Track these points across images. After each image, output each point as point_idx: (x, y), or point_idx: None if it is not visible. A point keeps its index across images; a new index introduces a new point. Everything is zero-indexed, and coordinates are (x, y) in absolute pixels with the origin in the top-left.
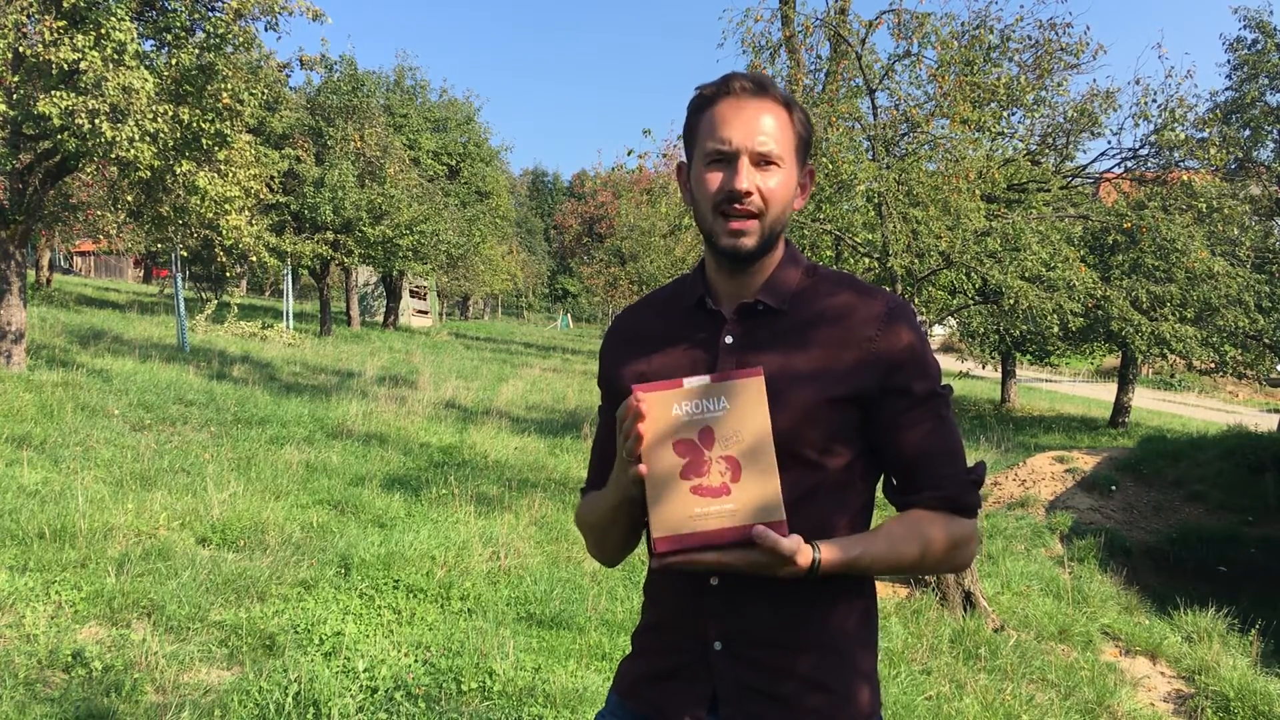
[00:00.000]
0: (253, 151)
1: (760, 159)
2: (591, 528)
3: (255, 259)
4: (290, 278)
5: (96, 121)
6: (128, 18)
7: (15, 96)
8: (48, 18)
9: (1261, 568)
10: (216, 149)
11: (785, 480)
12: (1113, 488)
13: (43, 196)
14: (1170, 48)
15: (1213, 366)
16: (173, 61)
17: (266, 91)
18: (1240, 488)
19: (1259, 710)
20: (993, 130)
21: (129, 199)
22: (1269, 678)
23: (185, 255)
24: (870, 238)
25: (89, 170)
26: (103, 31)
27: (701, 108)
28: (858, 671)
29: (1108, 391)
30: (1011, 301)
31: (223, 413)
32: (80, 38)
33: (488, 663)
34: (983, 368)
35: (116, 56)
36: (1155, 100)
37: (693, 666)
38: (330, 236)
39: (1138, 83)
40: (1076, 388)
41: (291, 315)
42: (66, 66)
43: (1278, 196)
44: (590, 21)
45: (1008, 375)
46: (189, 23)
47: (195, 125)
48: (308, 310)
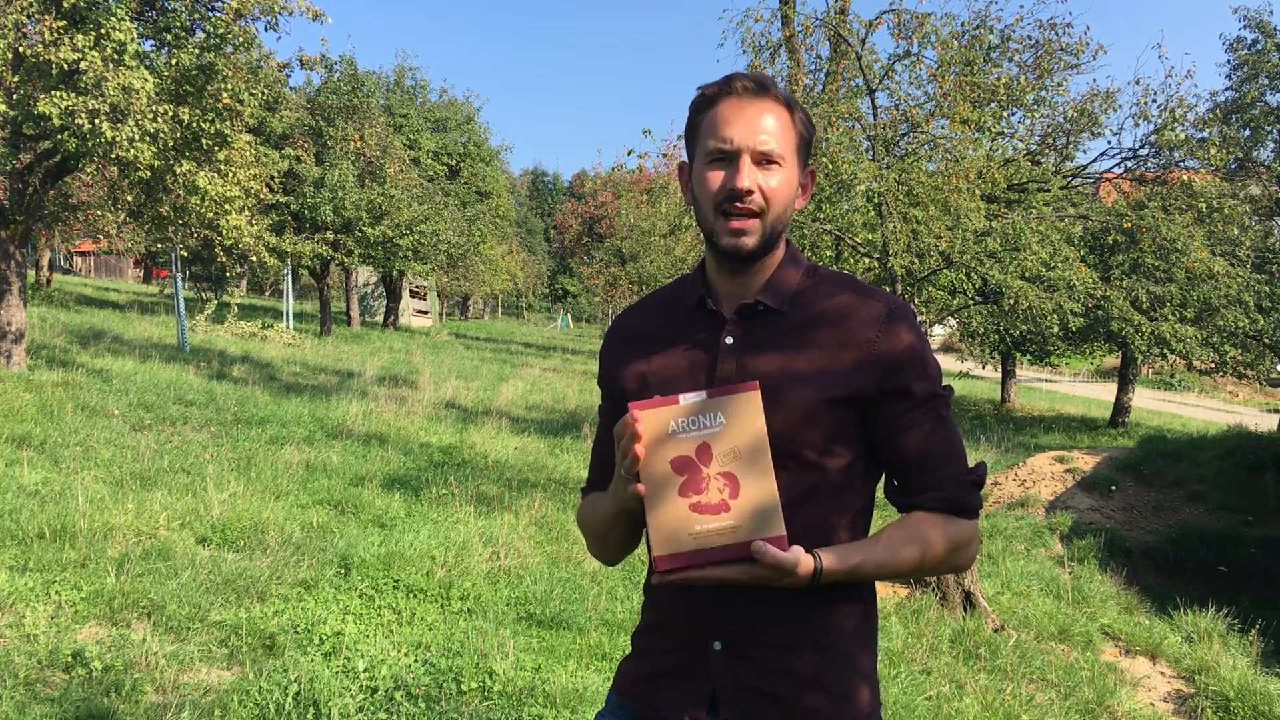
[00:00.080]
0: (253, 151)
1: (762, 158)
2: (592, 529)
3: (255, 259)
4: (290, 278)
5: (96, 121)
6: (128, 18)
7: (15, 96)
8: (48, 18)
9: (1261, 568)
10: (216, 149)
11: (785, 481)
12: (1113, 488)
13: (43, 196)
14: (1170, 48)
15: (1213, 366)
16: (173, 61)
17: (266, 91)
18: (1240, 488)
19: (1259, 710)
20: (993, 130)
21: (129, 199)
22: (1269, 678)
23: (185, 255)
24: (870, 238)
25: (89, 170)
26: (103, 31)
27: (703, 107)
28: (857, 671)
29: (1108, 391)
30: (1011, 301)
31: (223, 413)
32: (80, 38)
33: (488, 663)
34: (983, 368)
35: (116, 56)
36: (1155, 100)
37: (692, 666)
38: (330, 236)
39: (1138, 83)
40: (1076, 388)
41: (291, 315)
42: (66, 66)
43: (1278, 196)
44: (590, 21)
45: (1008, 375)
46: (189, 23)
47: (195, 125)
48: (308, 310)
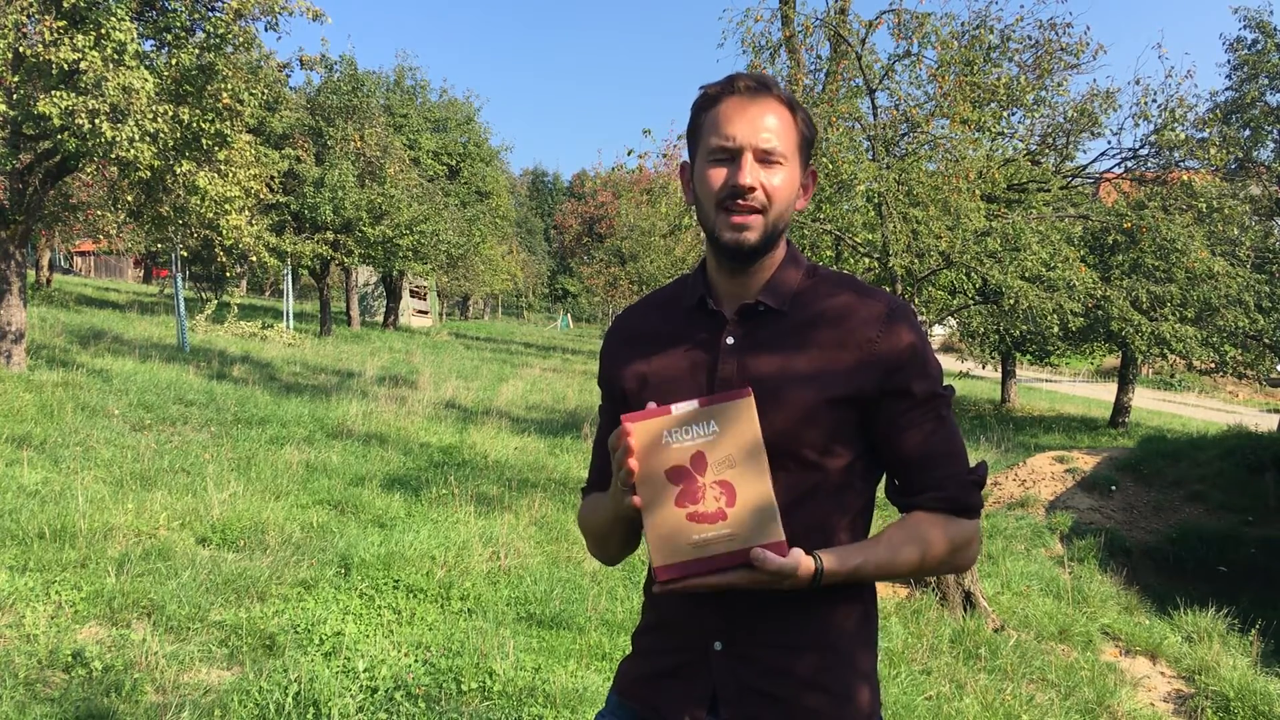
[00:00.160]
0: (253, 151)
1: (764, 156)
2: (592, 531)
3: (255, 259)
4: (290, 278)
5: (96, 121)
6: (128, 18)
7: (15, 96)
8: (48, 18)
9: (1261, 568)
10: (216, 149)
11: (785, 481)
12: (1113, 488)
13: (43, 196)
14: (1170, 48)
15: (1213, 366)
16: (173, 61)
17: (266, 91)
18: (1240, 488)
19: (1259, 710)
20: (993, 130)
21: (129, 199)
22: (1269, 678)
23: (185, 255)
24: (870, 238)
25: (89, 170)
26: (103, 31)
27: (706, 106)
28: (857, 671)
29: (1108, 391)
30: (1011, 301)
31: (223, 413)
32: (80, 38)
33: (488, 663)
34: (983, 368)
35: (116, 56)
36: (1155, 100)
37: (693, 666)
38: (330, 236)
39: (1138, 83)
40: (1076, 388)
41: (291, 315)
42: (66, 66)
43: (1278, 196)
44: (590, 21)
45: (1008, 375)
46: (189, 23)
47: (195, 125)
48: (308, 310)
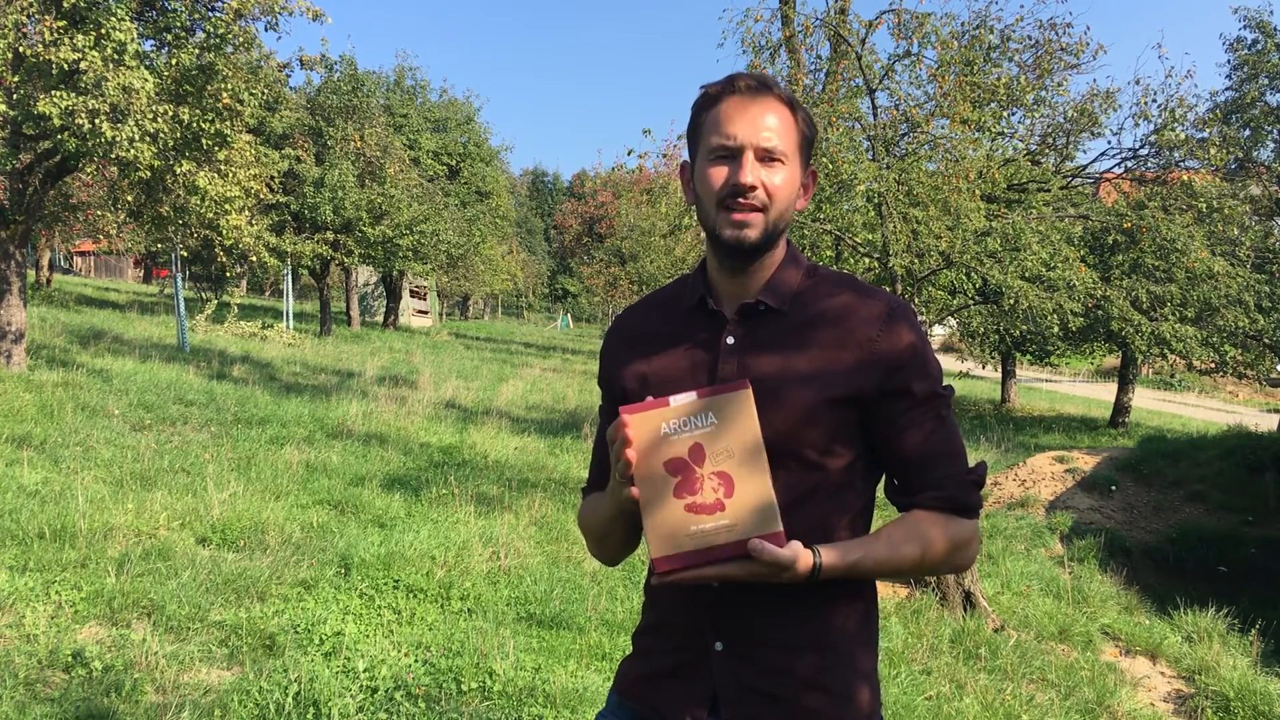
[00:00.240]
0: (253, 151)
1: (764, 155)
2: (592, 530)
3: (255, 259)
4: (290, 278)
5: (96, 121)
6: (128, 18)
7: (15, 96)
8: (48, 18)
9: (1261, 568)
10: (216, 149)
11: (785, 481)
12: (1113, 488)
13: (43, 196)
14: (1170, 48)
15: (1213, 366)
16: (173, 61)
17: (266, 91)
18: (1240, 488)
19: (1259, 710)
20: (993, 130)
21: (129, 199)
22: (1269, 678)
23: (185, 255)
24: (870, 238)
25: (89, 170)
26: (103, 31)
27: (706, 106)
28: (858, 671)
29: (1108, 391)
30: (1011, 301)
31: (223, 413)
32: (80, 38)
33: (488, 663)
34: (983, 368)
35: (116, 56)
36: (1155, 100)
37: (693, 666)
38: (330, 236)
39: (1138, 83)
40: (1076, 388)
41: (291, 315)
42: (66, 66)
43: (1278, 196)
44: (590, 21)
45: (1008, 375)
46: (189, 23)
47: (195, 125)
48: (308, 310)
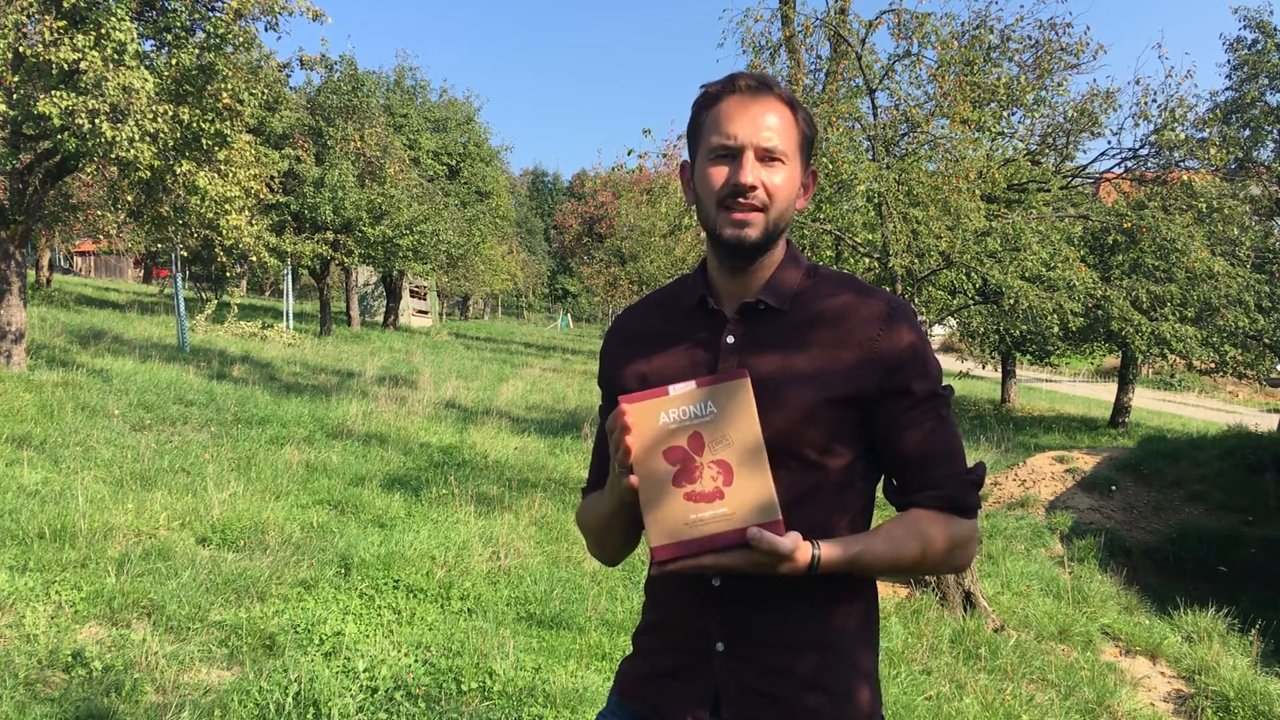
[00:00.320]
0: (253, 151)
1: (765, 154)
2: (591, 529)
3: (255, 259)
4: (290, 278)
5: (96, 121)
6: (128, 18)
7: (15, 96)
8: (48, 18)
9: (1261, 568)
10: (216, 149)
11: (785, 480)
12: (1113, 488)
13: (43, 196)
14: (1170, 48)
15: (1213, 366)
16: (173, 61)
17: (266, 91)
18: (1240, 488)
19: (1259, 710)
20: (993, 130)
21: (129, 199)
22: (1269, 678)
23: (185, 255)
24: (870, 238)
25: (89, 170)
26: (103, 31)
27: (706, 105)
28: (858, 671)
29: (1108, 391)
30: (1011, 301)
31: (223, 413)
32: (80, 38)
33: (488, 663)
34: (983, 368)
35: (116, 56)
36: (1155, 100)
37: (694, 667)
38: (330, 236)
39: (1138, 83)
40: (1076, 388)
41: (291, 315)
42: (66, 66)
43: (1278, 196)
44: (590, 21)
45: (1008, 375)
46: (189, 23)
47: (195, 125)
48: (308, 310)
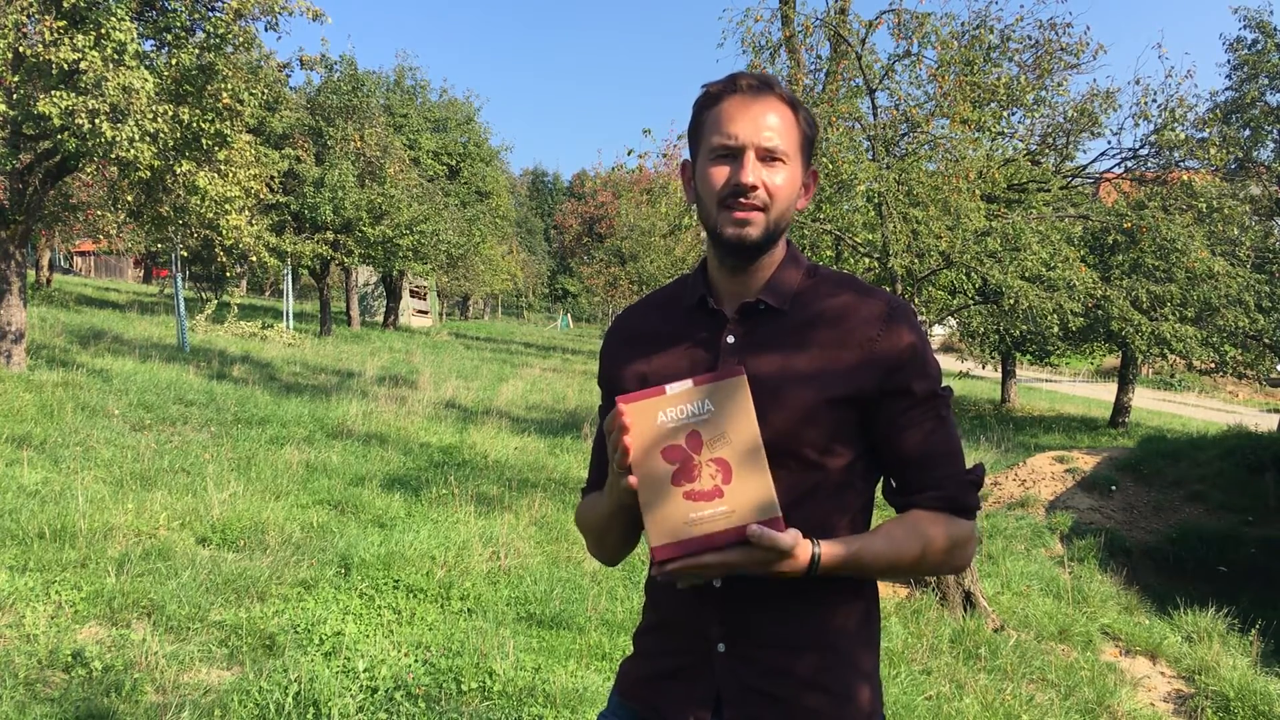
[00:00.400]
0: (253, 151)
1: (766, 154)
2: (591, 529)
3: (255, 259)
4: (290, 278)
5: (96, 121)
6: (128, 18)
7: (15, 96)
8: (48, 18)
9: (1261, 568)
10: (216, 149)
11: (785, 480)
12: (1113, 488)
13: (43, 196)
14: (1170, 48)
15: (1213, 366)
16: (173, 61)
17: (266, 91)
18: (1240, 488)
19: (1259, 710)
20: (993, 130)
21: (129, 199)
22: (1269, 678)
23: (185, 255)
24: (870, 238)
25: (89, 170)
26: (103, 31)
27: (708, 105)
28: (858, 671)
29: (1108, 391)
30: (1011, 301)
31: (223, 413)
32: (80, 38)
33: (488, 663)
34: (983, 368)
35: (116, 56)
36: (1155, 100)
37: (696, 668)
38: (330, 236)
39: (1138, 83)
40: (1076, 388)
41: (291, 315)
42: (66, 66)
43: (1278, 196)
44: (590, 21)
45: (1008, 375)
46: (189, 23)
47: (195, 125)
48: (308, 310)
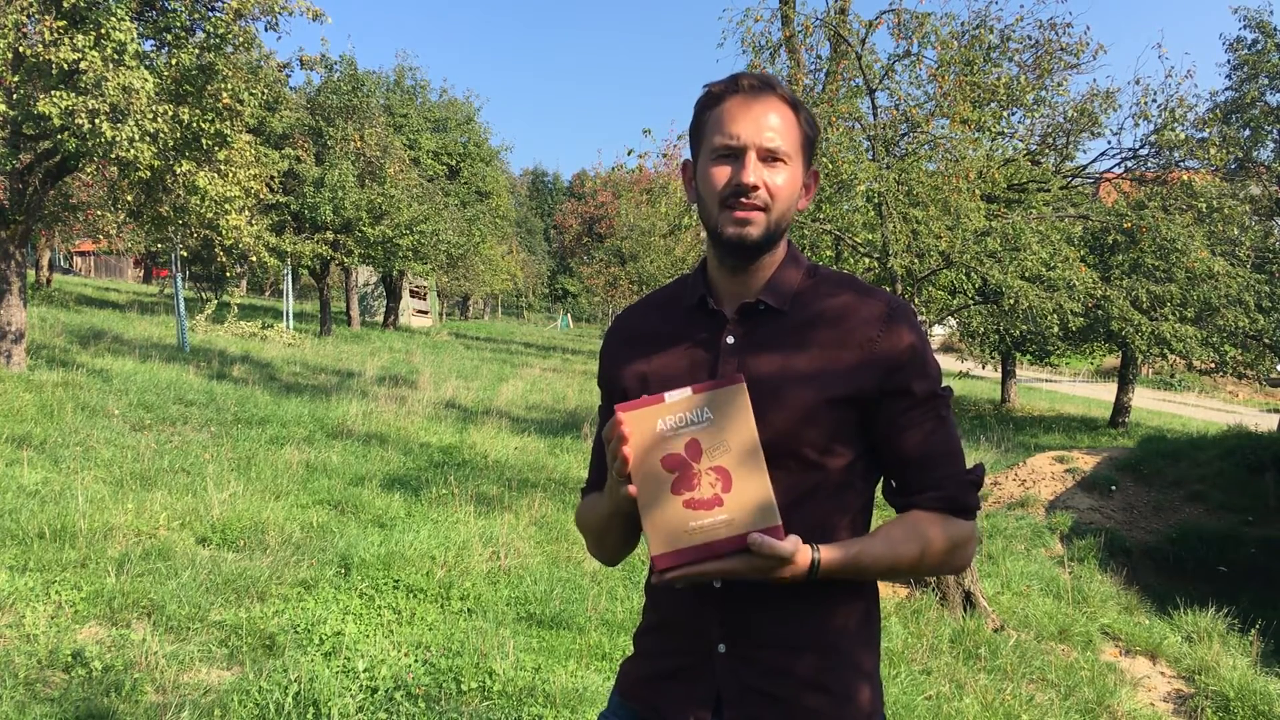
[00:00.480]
0: (253, 151)
1: (767, 155)
2: (591, 530)
3: (255, 259)
4: (290, 278)
5: (96, 121)
6: (128, 18)
7: (15, 96)
8: (48, 18)
9: (1261, 568)
10: (216, 149)
11: (785, 481)
12: (1113, 488)
13: (43, 196)
14: (1170, 48)
15: (1213, 366)
16: (173, 61)
17: (266, 91)
18: (1240, 488)
19: (1259, 710)
20: (993, 130)
21: (129, 199)
22: (1269, 678)
23: (185, 255)
24: (870, 238)
25: (89, 170)
26: (103, 31)
27: (709, 105)
28: (859, 671)
29: (1108, 391)
30: (1011, 301)
31: (223, 413)
32: (80, 38)
33: (488, 663)
34: (983, 368)
35: (116, 56)
36: (1155, 100)
37: (696, 668)
38: (330, 236)
39: (1138, 83)
40: (1076, 388)
41: (291, 315)
42: (66, 66)
43: (1278, 196)
44: (590, 21)
45: (1008, 375)
46: (189, 23)
47: (195, 125)
48: (308, 310)
